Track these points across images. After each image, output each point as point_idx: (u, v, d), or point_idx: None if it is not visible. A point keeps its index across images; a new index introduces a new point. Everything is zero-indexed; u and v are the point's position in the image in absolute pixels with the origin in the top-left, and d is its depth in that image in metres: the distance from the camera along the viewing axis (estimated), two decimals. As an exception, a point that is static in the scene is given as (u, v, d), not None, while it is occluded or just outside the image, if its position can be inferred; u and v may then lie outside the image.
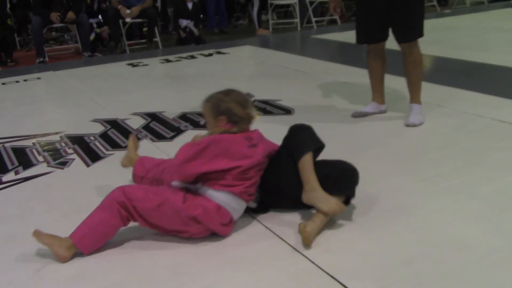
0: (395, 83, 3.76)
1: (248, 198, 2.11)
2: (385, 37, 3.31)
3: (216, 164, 2.01)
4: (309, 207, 2.11)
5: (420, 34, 3.21)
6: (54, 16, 6.69)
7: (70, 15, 6.76)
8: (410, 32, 3.18)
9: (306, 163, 2.08)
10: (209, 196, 2.02)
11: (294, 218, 2.15)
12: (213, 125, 2.16)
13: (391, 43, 3.34)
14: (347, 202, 2.12)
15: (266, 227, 2.10)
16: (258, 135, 2.21)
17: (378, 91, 3.47)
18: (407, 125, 3.20)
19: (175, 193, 2.02)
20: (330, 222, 2.10)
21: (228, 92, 2.18)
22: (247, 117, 2.14)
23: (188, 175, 2.05)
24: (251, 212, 2.21)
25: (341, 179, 2.12)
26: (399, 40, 3.22)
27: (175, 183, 2.10)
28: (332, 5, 3.43)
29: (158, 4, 8.90)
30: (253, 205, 2.20)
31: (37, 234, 1.98)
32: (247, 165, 2.06)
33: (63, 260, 1.94)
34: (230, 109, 2.11)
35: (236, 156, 2.04)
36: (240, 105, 2.13)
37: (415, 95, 3.29)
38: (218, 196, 2.02)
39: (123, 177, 2.71)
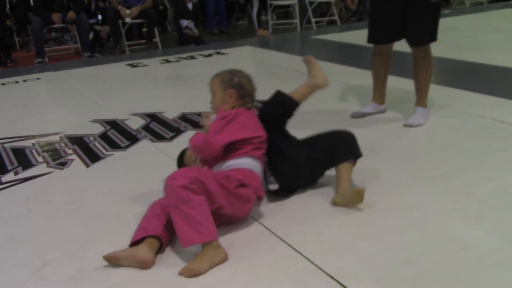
0: (396, 84, 3.76)
1: (263, 165, 2.23)
2: (395, 39, 3.26)
3: (242, 133, 2.14)
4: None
5: (433, 38, 3.15)
6: (56, 16, 6.69)
7: (71, 14, 6.77)
8: (423, 36, 3.12)
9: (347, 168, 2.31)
10: (236, 165, 2.11)
11: (293, 218, 2.16)
12: (221, 99, 2.30)
13: (400, 44, 3.34)
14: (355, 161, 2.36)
15: (266, 227, 2.09)
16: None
17: (379, 92, 3.48)
18: (405, 125, 3.21)
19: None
20: (330, 223, 2.10)
21: (239, 70, 2.39)
22: (252, 94, 2.35)
23: (218, 148, 2.11)
24: (250, 213, 2.21)
25: (346, 146, 2.34)
26: (411, 43, 3.18)
27: None
28: None
29: (166, 3, 8.89)
30: (275, 187, 2.27)
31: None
32: (264, 136, 2.23)
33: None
34: (241, 84, 2.31)
35: (255, 127, 2.22)
36: (248, 82, 2.35)
37: (421, 99, 3.27)
38: (244, 161, 2.12)
39: (123, 178, 2.72)
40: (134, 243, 1.93)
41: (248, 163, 2.12)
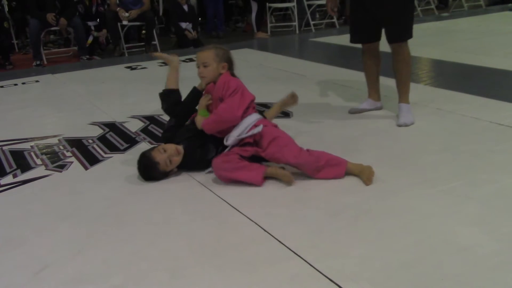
0: (391, 84, 3.77)
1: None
2: (378, 38, 3.40)
3: (250, 96, 2.69)
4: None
5: (411, 35, 3.29)
6: (50, 17, 6.66)
7: (62, 21, 6.75)
8: (402, 32, 3.26)
9: None
10: (253, 122, 2.62)
11: (292, 221, 2.16)
12: (215, 69, 2.69)
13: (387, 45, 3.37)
14: None
15: (265, 230, 2.09)
16: None
17: (373, 88, 3.58)
18: (399, 125, 3.26)
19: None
20: (328, 226, 2.10)
21: (222, 47, 2.80)
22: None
23: (240, 117, 2.61)
24: (249, 214, 2.22)
25: None
26: (390, 40, 3.30)
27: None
28: (329, 4, 3.48)
29: (160, 7, 8.87)
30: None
31: None
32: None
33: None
34: (231, 59, 2.77)
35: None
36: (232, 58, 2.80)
37: (404, 95, 3.37)
38: (254, 117, 2.66)
39: (121, 180, 2.72)
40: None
41: (255, 117, 2.66)
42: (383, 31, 3.35)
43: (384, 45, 3.44)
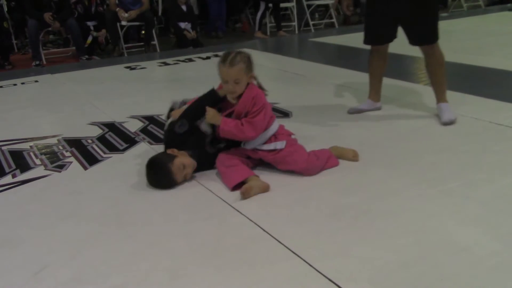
0: (393, 85, 3.78)
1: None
2: (391, 39, 3.36)
3: (270, 111, 2.65)
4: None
5: (437, 35, 3.25)
6: (47, 16, 6.66)
7: (56, 24, 6.75)
8: (432, 34, 3.22)
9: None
10: (274, 130, 2.65)
11: (292, 221, 2.16)
12: (245, 83, 2.56)
13: (391, 46, 3.36)
14: None
15: (264, 230, 2.09)
16: None
17: (375, 89, 3.57)
18: (444, 123, 3.21)
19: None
20: (328, 226, 2.10)
21: (239, 51, 2.62)
22: None
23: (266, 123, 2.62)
24: (249, 215, 2.22)
25: None
26: (422, 42, 3.25)
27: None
28: (345, 3, 3.46)
29: (159, 7, 8.88)
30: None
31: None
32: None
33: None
34: (252, 61, 2.61)
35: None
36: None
37: (441, 95, 3.34)
38: (275, 125, 2.67)
39: (121, 180, 2.72)
40: (237, 185, 2.43)
41: (276, 125, 2.68)
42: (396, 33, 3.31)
43: (390, 47, 3.42)
